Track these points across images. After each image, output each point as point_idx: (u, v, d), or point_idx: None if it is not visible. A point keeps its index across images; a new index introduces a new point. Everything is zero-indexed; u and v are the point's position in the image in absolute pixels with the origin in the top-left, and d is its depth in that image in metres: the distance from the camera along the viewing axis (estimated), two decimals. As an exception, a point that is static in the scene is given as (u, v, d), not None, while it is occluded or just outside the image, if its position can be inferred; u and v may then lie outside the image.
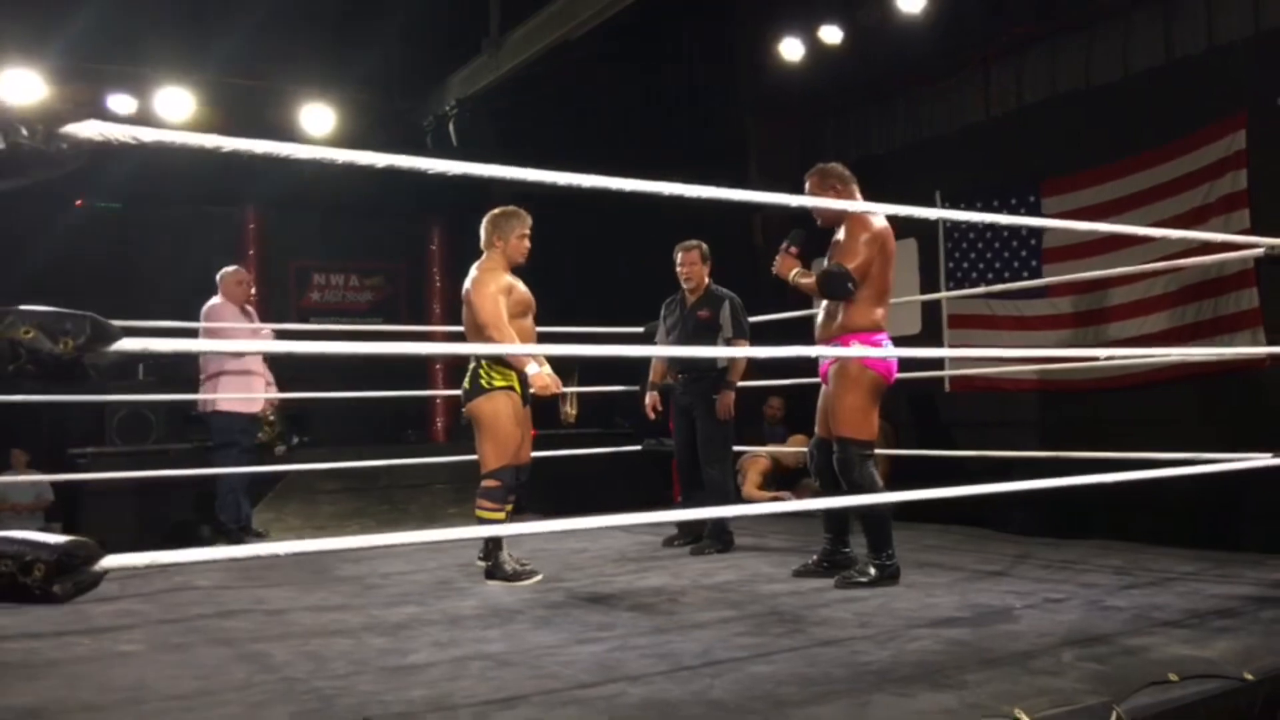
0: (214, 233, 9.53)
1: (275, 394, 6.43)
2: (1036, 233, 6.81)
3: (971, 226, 7.19)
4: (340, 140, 8.40)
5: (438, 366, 10.42)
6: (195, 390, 6.30)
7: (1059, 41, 6.82)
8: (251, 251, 9.39)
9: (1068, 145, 6.71)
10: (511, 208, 4.82)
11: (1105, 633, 3.18)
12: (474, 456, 4.74)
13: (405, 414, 10.19)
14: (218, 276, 6.28)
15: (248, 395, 6.20)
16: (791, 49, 7.61)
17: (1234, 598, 3.66)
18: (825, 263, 4.32)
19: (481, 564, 4.75)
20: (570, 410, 8.40)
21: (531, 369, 4.59)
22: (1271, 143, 5.55)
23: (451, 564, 5.03)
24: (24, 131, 1.77)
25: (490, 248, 4.77)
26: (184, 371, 6.85)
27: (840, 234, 4.30)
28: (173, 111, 7.98)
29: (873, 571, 4.19)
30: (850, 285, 4.17)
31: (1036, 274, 6.72)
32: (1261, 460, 3.92)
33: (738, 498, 6.36)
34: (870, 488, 4.15)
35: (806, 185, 4.41)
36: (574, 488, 7.18)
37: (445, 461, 7.34)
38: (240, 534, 6.21)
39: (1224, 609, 3.48)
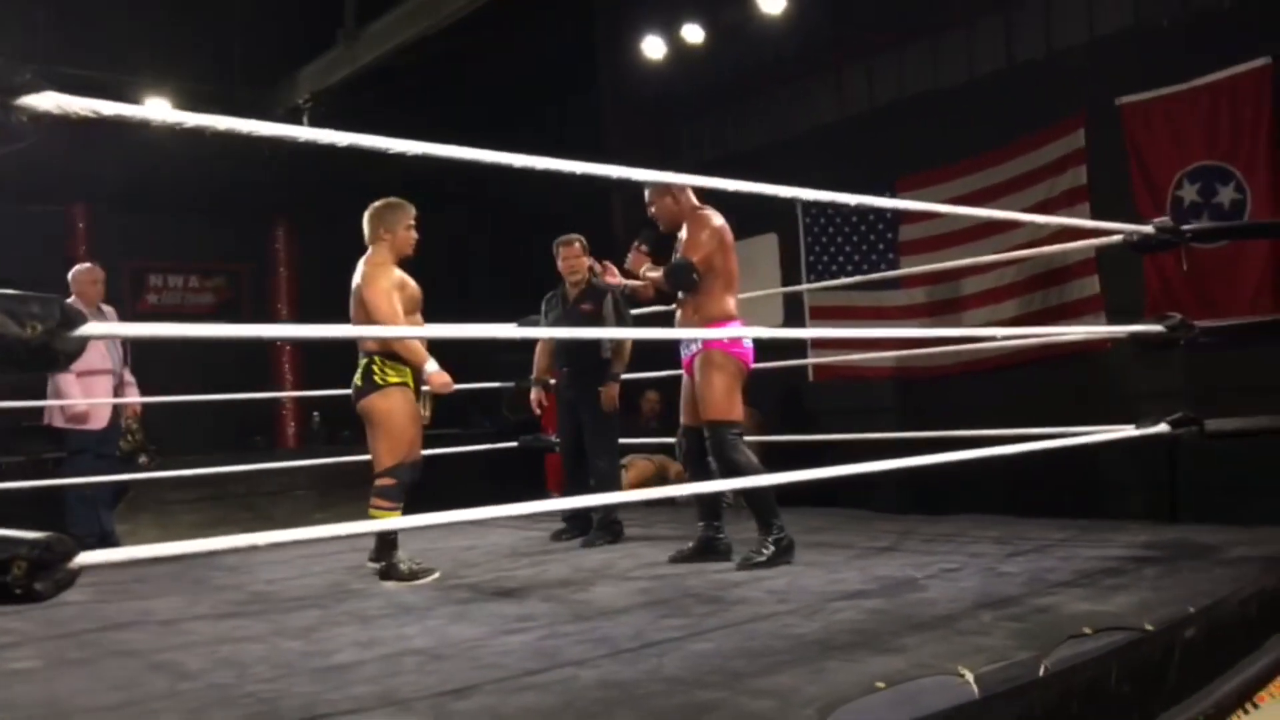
0: (38, 231, 8.91)
1: (129, 399, 6.08)
2: (893, 227, 7.13)
3: (830, 221, 7.47)
4: (182, 134, 7.97)
5: (285, 370, 10.08)
6: (18, 399, 5.91)
7: (906, 46, 7.15)
8: (81, 250, 8.81)
9: (918, 145, 7.05)
10: (394, 199, 4.69)
11: (1010, 595, 3.37)
12: (336, 460, 4.62)
13: (249, 420, 9.80)
14: (69, 276, 5.96)
15: (90, 401, 5.85)
16: (653, 47, 7.71)
17: (1112, 559, 3.92)
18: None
19: (372, 566, 4.63)
20: (425, 412, 8.31)
21: (431, 367, 4.52)
22: (1108, 140, 5.99)
23: (338, 568, 4.86)
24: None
25: (377, 242, 4.63)
26: (9, 380, 6.38)
27: (683, 233, 4.57)
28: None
29: (769, 549, 4.31)
30: (695, 276, 4.42)
31: (894, 267, 7.03)
32: (1125, 432, 4.23)
33: (625, 489, 6.40)
34: (746, 464, 4.32)
35: (646, 196, 4.63)
36: (443, 489, 7.06)
37: (304, 465, 7.12)
38: (99, 547, 5.84)
39: (1108, 569, 3.73)
